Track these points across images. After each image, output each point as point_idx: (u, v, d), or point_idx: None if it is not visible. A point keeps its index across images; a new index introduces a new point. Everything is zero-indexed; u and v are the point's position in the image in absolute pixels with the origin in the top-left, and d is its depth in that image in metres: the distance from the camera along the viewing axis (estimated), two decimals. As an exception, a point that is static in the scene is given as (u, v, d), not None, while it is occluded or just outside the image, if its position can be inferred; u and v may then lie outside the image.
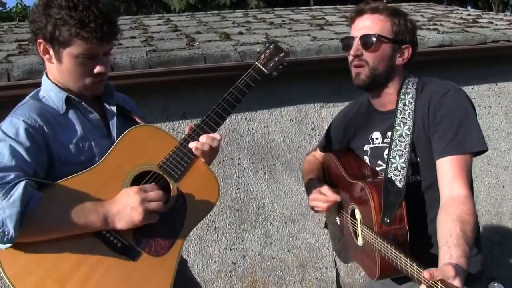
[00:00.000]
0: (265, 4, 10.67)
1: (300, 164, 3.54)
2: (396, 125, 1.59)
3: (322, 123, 3.58)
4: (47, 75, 1.55)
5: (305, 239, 3.58)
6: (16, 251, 1.31)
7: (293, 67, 3.13)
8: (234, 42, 3.57)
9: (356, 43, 1.59)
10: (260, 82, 1.67)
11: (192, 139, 1.54)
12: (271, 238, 3.51)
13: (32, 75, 2.77)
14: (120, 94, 1.74)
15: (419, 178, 1.60)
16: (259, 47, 3.37)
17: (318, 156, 2.00)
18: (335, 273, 3.65)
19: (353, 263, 1.80)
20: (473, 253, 1.54)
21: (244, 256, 3.45)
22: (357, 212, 1.66)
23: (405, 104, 1.60)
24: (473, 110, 1.54)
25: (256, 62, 1.70)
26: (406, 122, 1.58)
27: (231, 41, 3.64)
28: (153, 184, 1.47)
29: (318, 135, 3.57)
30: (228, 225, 3.41)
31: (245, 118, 3.41)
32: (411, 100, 1.59)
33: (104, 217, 1.37)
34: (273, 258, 3.52)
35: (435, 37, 3.74)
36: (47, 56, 1.48)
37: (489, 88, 4.03)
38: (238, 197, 3.43)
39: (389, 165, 1.57)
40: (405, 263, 1.32)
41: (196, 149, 1.52)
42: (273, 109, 3.47)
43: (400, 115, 1.59)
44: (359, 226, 1.64)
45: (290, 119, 3.51)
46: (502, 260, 4.07)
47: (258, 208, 3.48)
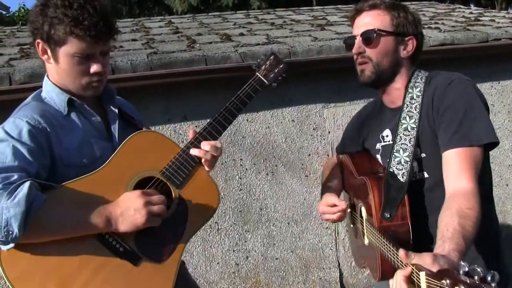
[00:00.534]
0: (267, 5, 10.67)
1: (302, 164, 3.54)
2: (402, 119, 1.56)
3: (324, 123, 3.58)
4: (48, 76, 1.55)
5: (308, 240, 3.58)
6: (18, 253, 1.32)
7: (294, 68, 3.13)
8: (235, 43, 3.58)
9: (358, 41, 1.59)
10: (260, 92, 1.71)
11: (194, 147, 1.56)
12: (274, 239, 3.51)
13: (33, 79, 2.78)
14: (118, 97, 1.75)
15: (426, 174, 1.55)
16: (260, 48, 3.39)
17: (337, 160, 1.98)
18: (338, 273, 3.65)
19: (365, 267, 1.77)
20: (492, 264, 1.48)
21: (247, 257, 3.45)
22: (363, 209, 1.65)
23: (412, 98, 1.56)
24: (480, 100, 1.47)
25: (257, 73, 1.73)
26: (412, 116, 1.54)
27: (232, 42, 3.64)
28: (154, 190, 1.48)
29: (320, 135, 3.57)
30: (231, 226, 3.42)
31: (247, 119, 3.41)
32: (419, 94, 1.55)
33: (107, 218, 1.37)
34: (276, 258, 3.52)
35: (437, 36, 3.73)
36: (45, 56, 1.49)
37: (492, 86, 4.01)
38: (240, 198, 3.43)
39: (392, 159, 1.54)
40: (392, 252, 1.28)
41: (200, 157, 1.55)
42: (275, 110, 3.47)
43: (406, 109, 1.56)
44: (364, 224, 1.62)
45: (292, 120, 3.51)
46: (508, 260, 4.04)
47: (261, 209, 3.48)
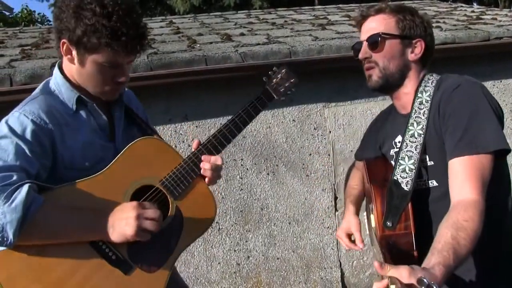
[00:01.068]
0: (269, 5, 10.66)
1: (303, 164, 3.54)
2: (409, 125, 1.50)
3: (325, 123, 3.57)
4: (62, 68, 1.51)
5: (310, 239, 3.58)
6: (11, 255, 1.32)
7: (295, 68, 3.12)
8: (235, 43, 3.58)
9: (364, 46, 1.56)
10: (268, 106, 1.69)
11: (196, 159, 1.55)
12: (275, 239, 3.51)
13: (34, 79, 2.79)
14: (126, 90, 1.73)
15: (436, 183, 1.50)
16: (260, 48, 3.38)
17: (357, 165, 1.96)
18: (340, 273, 3.64)
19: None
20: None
21: (249, 257, 3.46)
22: (372, 217, 1.61)
23: (421, 103, 1.50)
24: (488, 103, 1.39)
25: (266, 86, 1.70)
26: (420, 122, 1.48)
27: (232, 42, 3.64)
28: (152, 203, 1.47)
29: (320, 135, 3.56)
30: (232, 226, 3.42)
31: (248, 119, 3.40)
32: (428, 99, 1.49)
33: (100, 227, 1.37)
34: (278, 258, 3.52)
35: (438, 35, 3.70)
36: (68, 56, 1.45)
37: (494, 85, 3.99)
38: (241, 198, 3.43)
39: (397, 166, 1.48)
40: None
41: (204, 170, 1.55)
42: (275, 109, 3.46)
43: (414, 115, 1.50)
44: (373, 231, 1.59)
45: (293, 120, 3.51)
46: None
47: (262, 209, 3.48)
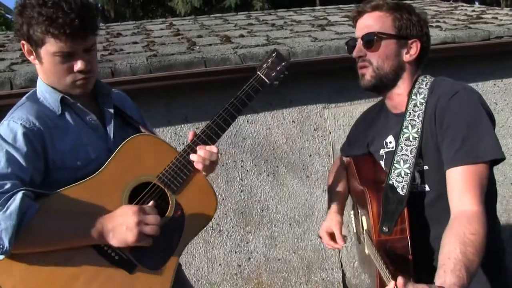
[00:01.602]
0: (270, 6, 10.67)
1: (303, 165, 3.53)
2: (403, 128, 1.48)
3: (325, 123, 3.57)
4: (40, 76, 1.53)
5: (310, 240, 3.57)
6: (13, 263, 1.32)
7: (294, 69, 3.13)
8: (235, 45, 3.58)
9: (359, 44, 1.53)
10: (261, 92, 1.65)
11: (192, 151, 1.53)
12: (276, 240, 3.51)
13: (34, 83, 2.74)
14: (117, 91, 1.72)
15: (428, 188, 1.49)
16: (259, 49, 3.39)
17: (343, 161, 1.92)
18: (341, 274, 3.64)
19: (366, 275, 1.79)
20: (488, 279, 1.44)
21: (249, 258, 3.46)
22: (364, 220, 1.61)
23: (415, 105, 1.49)
24: (485, 113, 1.39)
25: (258, 72, 1.66)
26: (415, 125, 1.47)
27: (231, 44, 3.65)
28: (152, 205, 1.46)
29: (321, 136, 3.56)
30: (232, 227, 3.42)
31: (247, 121, 3.41)
32: (423, 101, 1.48)
33: (99, 232, 1.36)
34: (279, 259, 3.52)
35: (437, 35, 3.70)
36: (31, 57, 1.46)
37: (494, 84, 3.99)
38: (242, 200, 3.43)
39: (392, 170, 1.47)
40: (384, 273, 1.24)
41: (197, 163, 1.52)
42: (275, 111, 3.47)
43: (409, 117, 1.48)
44: (364, 234, 1.58)
45: (292, 121, 3.51)
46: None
47: (262, 210, 3.48)
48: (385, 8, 1.52)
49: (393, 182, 1.46)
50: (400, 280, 1.04)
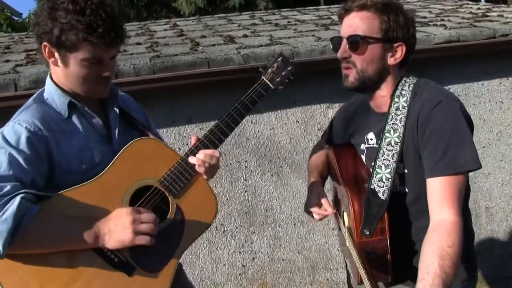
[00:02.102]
0: (274, 5, 10.65)
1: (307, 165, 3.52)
2: (385, 132, 1.50)
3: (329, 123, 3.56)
4: (51, 76, 1.53)
5: (315, 241, 3.57)
6: (13, 263, 1.33)
7: (297, 69, 3.12)
8: (238, 45, 3.58)
9: (344, 45, 1.51)
10: (265, 97, 1.64)
11: (194, 155, 1.54)
12: (280, 240, 3.50)
13: (38, 84, 2.81)
14: (122, 93, 1.73)
15: (406, 189, 1.54)
16: (262, 49, 3.38)
17: (323, 144, 1.95)
18: (345, 274, 3.63)
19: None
20: (463, 278, 1.54)
21: (254, 258, 3.45)
22: (345, 216, 1.63)
23: (397, 108, 1.50)
24: (466, 124, 1.42)
25: (262, 77, 1.66)
26: (397, 129, 1.49)
27: (235, 44, 3.65)
28: (150, 204, 1.47)
29: (325, 135, 3.55)
30: (236, 228, 3.42)
31: (251, 121, 3.41)
32: (405, 104, 1.49)
33: (96, 235, 1.37)
34: (283, 260, 3.51)
35: (442, 33, 3.68)
36: (52, 59, 1.46)
37: (500, 83, 3.95)
38: (246, 200, 3.43)
39: (374, 175, 1.49)
40: (363, 274, 1.35)
41: (199, 167, 1.53)
42: (279, 111, 3.46)
43: (391, 121, 1.50)
44: (346, 231, 1.62)
45: (296, 121, 3.50)
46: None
47: (267, 211, 3.48)
48: (373, 9, 1.49)
49: (374, 187, 1.49)
50: None
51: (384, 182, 1.48)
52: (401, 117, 1.49)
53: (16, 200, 1.27)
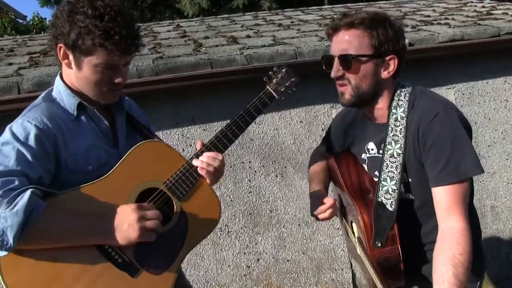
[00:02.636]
0: (278, 6, 10.64)
1: (311, 165, 3.51)
2: (387, 144, 1.52)
3: (333, 123, 3.55)
4: (62, 76, 1.54)
5: (320, 241, 3.56)
6: (18, 260, 1.33)
7: (301, 69, 3.11)
8: (241, 45, 3.57)
9: (336, 64, 1.52)
10: (269, 106, 1.69)
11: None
12: (285, 241, 3.50)
13: (41, 87, 2.82)
14: (126, 98, 1.74)
15: (412, 196, 1.57)
16: (265, 50, 3.37)
17: (323, 152, 1.95)
18: (351, 274, 3.61)
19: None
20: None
21: (258, 259, 3.45)
22: (354, 226, 1.65)
23: (396, 120, 1.52)
24: (465, 132, 1.46)
25: (267, 86, 1.71)
26: (398, 140, 1.51)
27: (238, 44, 3.64)
28: (151, 203, 1.48)
29: (329, 135, 3.54)
30: (241, 228, 3.41)
31: (255, 122, 3.38)
32: (403, 115, 1.51)
33: (102, 232, 1.38)
34: (288, 260, 3.50)
35: (446, 32, 3.66)
36: (66, 61, 1.47)
37: (505, 81, 3.93)
38: (250, 201, 3.42)
39: (380, 188, 1.52)
40: (378, 283, 1.37)
41: (201, 169, 1.54)
42: (282, 111, 3.45)
43: (391, 133, 1.52)
44: (356, 240, 1.64)
45: (300, 121, 3.49)
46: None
47: (271, 211, 3.47)
48: (362, 27, 1.48)
49: (381, 199, 1.51)
50: None
51: (391, 194, 1.50)
52: (400, 128, 1.51)
53: (27, 194, 1.28)
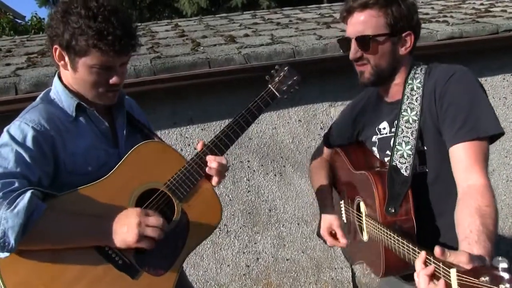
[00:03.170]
0: (277, 4, 10.63)
1: (310, 164, 3.50)
2: (402, 111, 1.51)
3: (331, 122, 3.53)
4: (60, 77, 1.53)
5: (319, 240, 3.53)
6: (17, 262, 1.33)
7: (299, 67, 3.10)
8: (239, 45, 3.57)
9: (354, 46, 1.53)
10: (271, 105, 1.69)
11: (200, 160, 1.55)
12: (284, 240, 3.49)
13: (38, 87, 2.81)
14: (127, 97, 1.73)
15: (426, 169, 1.51)
16: (263, 49, 3.37)
17: (324, 155, 1.95)
18: (350, 273, 3.61)
19: (361, 263, 1.81)
20: None
21: (258, 258, 3.44)
22: (362, 205, 1.62)
23: (412, 89, 1.52)
24: (482, 91, 1.43)
25: (269, 85, 1.70)
26: (414, 108, 1.50)
27: (235, 44, 3.63)
28: (156, 207, 1.47)
29: (327, 134, 3.53)
30: (240, 228, 3.41)
31: (253, 121, 3.39)
32: (419, 85, 1.51)
33: (102, 233, 1.37)
34: (287, 259, 3.50)
35: (444, 30, 3.65)
36: (62, 62, 1.46)
37: (504, 78, 3.92)
38: (249, 200, 3.42)
39: (395, 152, 1.49)
40: (407, 249, 1.26)
41: (210, 169, 1.53)
42: (281, 110, 3.45)
43: (407, 101, 1.51)
44: (364, 219, 1.60)
45: (299, 120, 3.49)
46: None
47: (270, 210, 3.46)
48: (376, 7, 1.49)
49: (396, 164, 1.48)
50: (437, 250, 1.04)
51: (406, 159, 1.48)
52: (416, 97, 1.50)
53: (27, 195, 1.27)
